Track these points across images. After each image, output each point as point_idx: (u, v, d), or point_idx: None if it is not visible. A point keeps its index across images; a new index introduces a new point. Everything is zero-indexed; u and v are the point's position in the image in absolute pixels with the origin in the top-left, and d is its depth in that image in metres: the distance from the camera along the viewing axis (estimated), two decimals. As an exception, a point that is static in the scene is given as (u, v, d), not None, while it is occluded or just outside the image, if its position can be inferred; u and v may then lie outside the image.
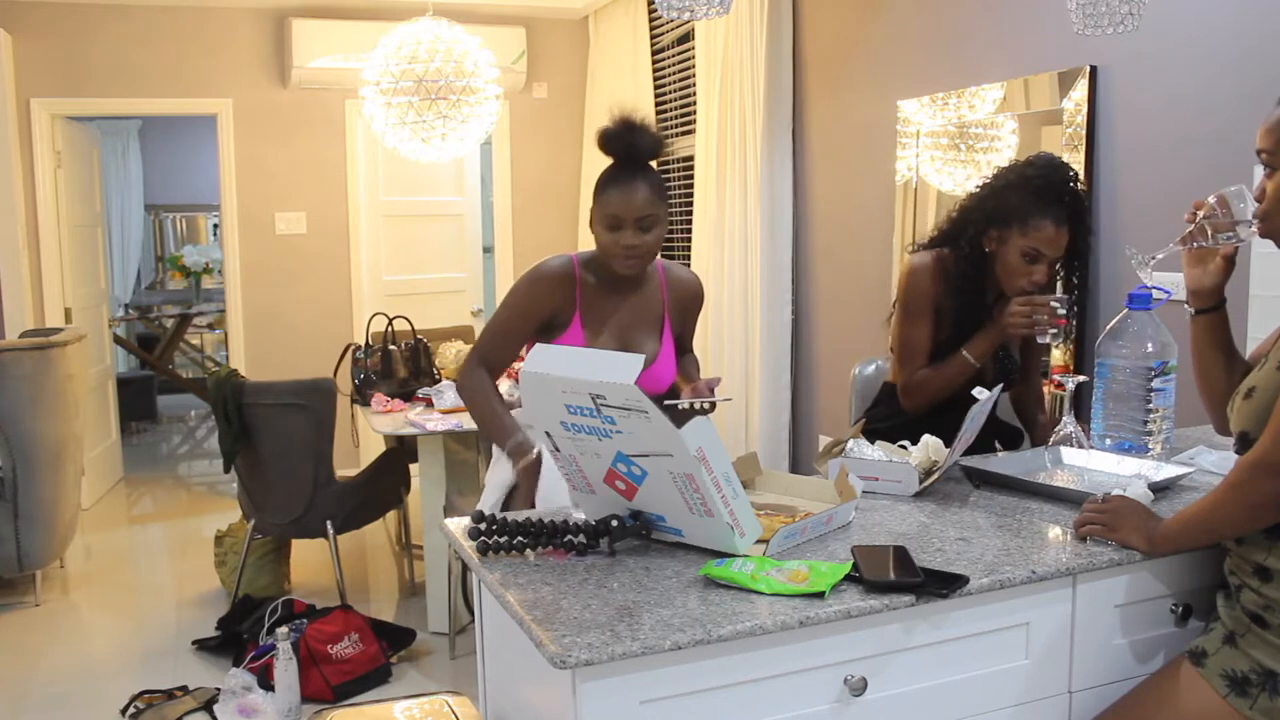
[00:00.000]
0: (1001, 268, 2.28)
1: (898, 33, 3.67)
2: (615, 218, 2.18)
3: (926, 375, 2.35)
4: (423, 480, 3.64)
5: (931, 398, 2.35)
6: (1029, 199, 2.22)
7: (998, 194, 2.28)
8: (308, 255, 5.80)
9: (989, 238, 2.28)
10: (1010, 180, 2.28)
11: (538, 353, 1.61)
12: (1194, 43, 2.57)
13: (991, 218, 2.27)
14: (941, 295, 2.34)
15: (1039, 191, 2.22)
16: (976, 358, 2.29)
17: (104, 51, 5.38)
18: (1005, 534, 1.67)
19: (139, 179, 9.45)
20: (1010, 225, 2.24)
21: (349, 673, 3.22)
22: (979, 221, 2.29)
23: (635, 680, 1.28)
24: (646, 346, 2.33)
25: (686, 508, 1.53)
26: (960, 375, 2.29)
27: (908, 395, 2.39)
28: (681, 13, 2.21)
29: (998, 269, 2.29)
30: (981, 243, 2.29)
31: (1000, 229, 2.26)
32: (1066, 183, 2.24)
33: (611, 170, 2.22)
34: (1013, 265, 2.25)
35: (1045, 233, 2.21)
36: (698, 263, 4.86)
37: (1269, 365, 1.53)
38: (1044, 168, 2.26)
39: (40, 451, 3.94)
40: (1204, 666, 1.50)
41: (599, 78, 5.94)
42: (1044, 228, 2.21)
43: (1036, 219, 2.21)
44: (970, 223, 2.31)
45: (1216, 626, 1.55)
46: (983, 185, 2.35)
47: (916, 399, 2.38)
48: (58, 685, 3.35)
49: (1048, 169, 2.26)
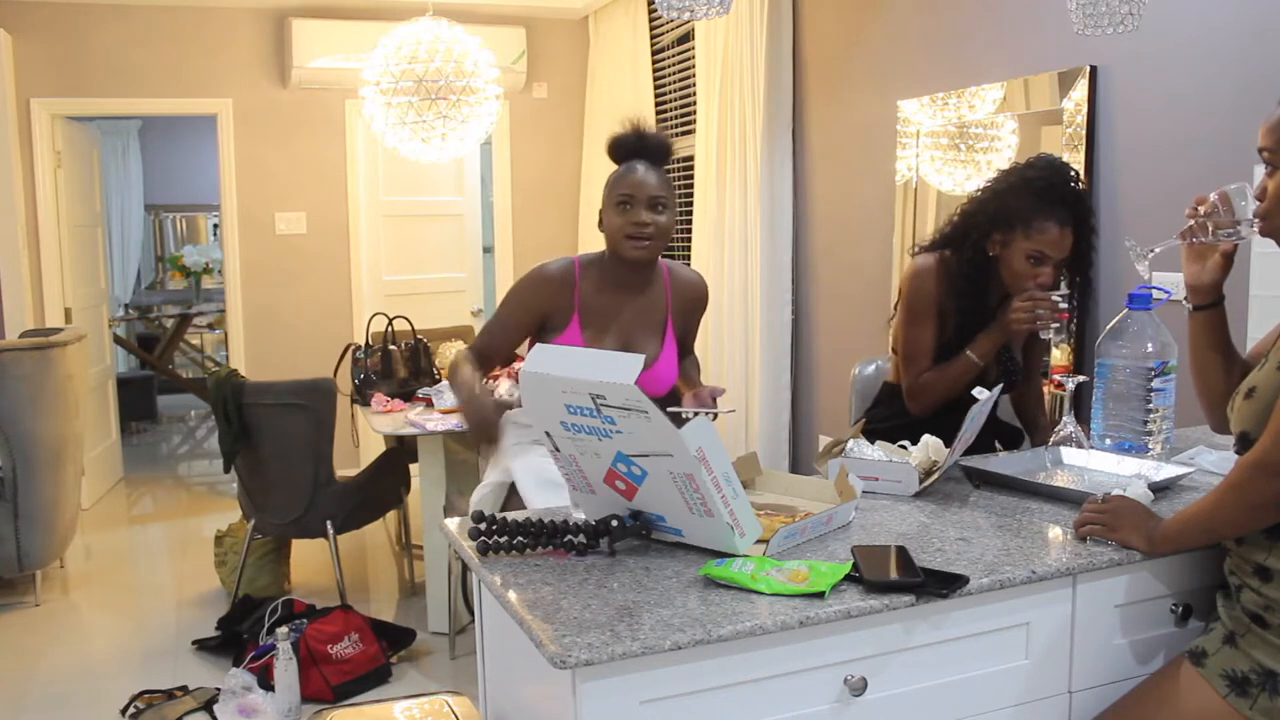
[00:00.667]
0: (1007, 271, 2.28)
1: (898, 33, 3.67)
2: (628, 196, 2.22)
3: (932, 377, 2.35)
4: (423, 480, 3.64)
5: (938, 399, 2.34)
6: (1031, 201, 2.22)
7: (1000, 197, 2.28)
8: (308, 255, 5.80)
9: (993, 241, 2.28)
10: (1012, 183, 2.27)
11: (538, 353, 1.61)
12: (1194, 43, 2.57)
13: (995, 221, 2.26)
14: (944, 297, 2.33)
15: (1041, 194, 2.22)
16: (980, 357, 2.28)
17: (104, 51, 5.38)
18: (1005, 534, 1.67)
19: (139, 179, 9.45)
20: (1014, 229, 2.23)
21: (349, 673, 3.22)
22: (982, 225, 2.29)
23: (635, 680, 1.28)
24: (648, 347, 2.34)
25: (686, 508, 1.53)
26: (965, 375, 2.28)
27: (914, 398, 2.39)
28: (681, 13, 2.21)
29: (1003, 272, 2.29)
30: (985, 246, 2.29)
31: (1004, 233, 2.26)
32: (1068, 183, 2.24)
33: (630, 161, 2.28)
34: (1018, 268, 2.25)
35: (1049, 235, 2.21)
36: (698, 263, 4.86)
37: (1269, 365, 1.53)
38: (1045, 169, 2.26)
39: (40, 451, 3.94)
40: (1204, 666, 1.50)
41: (599, 78, 5.94)
42: (1048, 230, 2.21)
43: (1040, 221, 2.21)
44: (973, 227, 2.31)
45: (1216, 626, 1.54)
46: (984, 189, 2.35)
47: (923, 400, 2.37)
48: (58, 685, 3.35)
49: (1049, 170, 2.25)
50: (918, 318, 2.36)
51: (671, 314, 2.41)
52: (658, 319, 2.39)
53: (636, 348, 2.31)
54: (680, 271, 2.44)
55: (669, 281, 2.40)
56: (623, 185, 2.23)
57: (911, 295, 2.36)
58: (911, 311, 2.36)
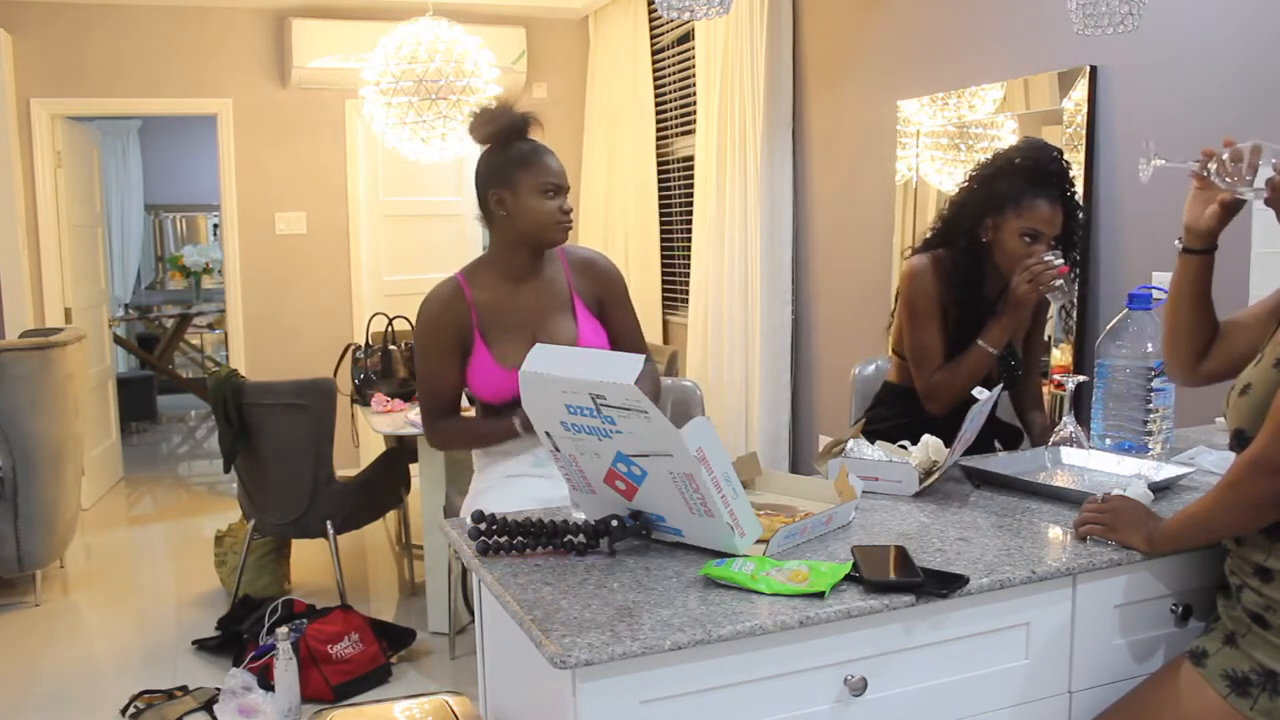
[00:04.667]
0: (1001, 254, 2.29)
1: (898, 33, 3.67)
2: (554, 185, 2.25)
3: (945, 375, 2.32)
4: (423, 480, 3.64)
5: (955, 395, 2.29)
6: (1019, 182, 2.26)
7: (988, 182, 2.31)
8: (308, 255, 5.80)
9: (985, 227, 2.30)
10: (999, 167, 2.31)
11: (537, 353, 1.61)
12: (1194, 43, 2.57)
13: (985, 207, 2.29)
14: (944, 294, 2.34)
15: (1028, 174, 2.26)
16: (994, 345, 2.28)
17: (104, 51, 5.38)
18: (1005, 534, 1.67)
19: (139, 179, 9.45)
20: (1005, 210, 2.26)
21: (349, 673, 3.22)
22: (974, 213, 2.31)
23: (635, 680, 1.28)
24: (559, 330, 2.30)
25: (686, 508, 1.53)
26: (980, 367, 2.28)
27: (931, 398, 2.36)
28: (681, 13, 2.21)
29: (997, 257, 2.31)
30: (978, 234, 2.31)
31: (995, 216, 2.28)
32: (1052, 161, 2.28)
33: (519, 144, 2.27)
34: (1012, 249, 2.26)
35: (1041, 212, 2.24)
36: (698, 262, 4.86)
37: (1265, 361, 1.52)
38: (1029, 150, 2.31)
39: (40, 451, 3.94)
40: (1204, 667, 1.50)
41: (599, 78, 5.94)
42: (1039, 207, 2.24)
43: (1030, 199, 2.24)
44: (965, 216, 2.33)
45: (1217, 627, 1.54)
46: (972, 177, 2.38)
47: (942, 399, 2.33)
48: (58, 685, 3.35)
49: (1033, 150, 2.30)
50: (922, 318, 2.35)
51: (575, 291, 2.36)
52: (562, 298, 2.34)
53: (548, 331, 2.28)
54: (575, 249, 2.42)
55: (564, 260, 2.38)
56: (544, 173, 2.24)
57: (912, 296, 2.36)
58: (915, 313, 2.36)
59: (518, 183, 2.23)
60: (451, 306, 2.29)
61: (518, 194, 2.24)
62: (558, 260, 2.38)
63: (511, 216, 2.25)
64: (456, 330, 2.28)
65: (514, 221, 2.25)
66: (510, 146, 2.26)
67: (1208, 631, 1.56)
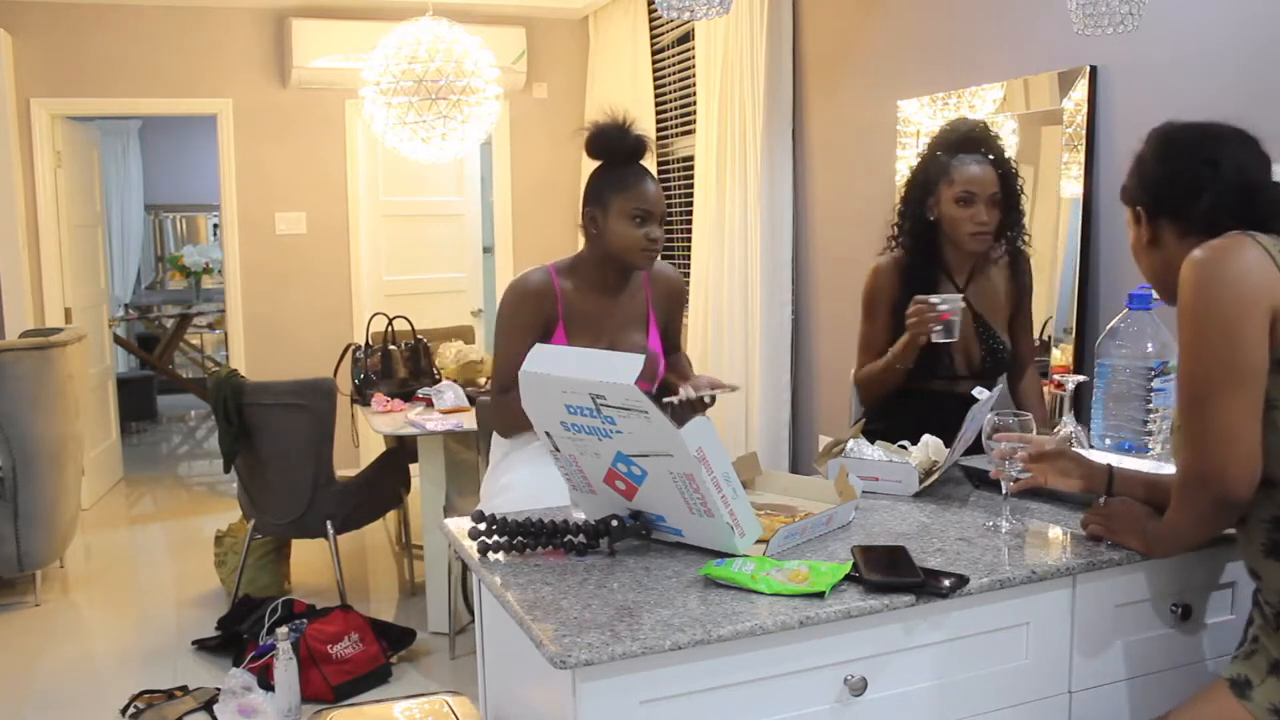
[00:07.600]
0: (947, 224, 2.39)
1: (898, 33, 3.67)
2: (645, 212, 2.27)
3: (867, 371, 2.48)
4: (423, 480, 3.64)
5: (873, 394, 2.49)
6: (946, 155, 2.38)
7: (923, 163, 2.45)
8: (308, 255, 5.80)
9: (929, 206, 2.41)
10: (929, 148, 2.45)
11: (537, 353, 1.61)
12: (1194, 43, 2.57)
13: (925, 187, 2.41)
14: (900, 295, 2.39)
15: (955, 144, 2.40)
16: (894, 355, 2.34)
17: (104, 51, 5.38)
18: (1005, 534, 1.67)
19: (139, 179, 9.45)
20: (939, 184, 2.38)
21: (349, 673, 3.22)
22: (918, 196, 2.43)
23: (635, 680, 1.28)
24: (635, 343, 2.36)
25: (686, 508, 1.53)
26: (887, 372, 2.38)
27: (859, 389, 2.56)
28: (681, 13, 2.22)
29: (947, 230, 2.39)
30: (925, 216, 2.41)
31: (933, 194, 2.39)
32: (972, 129, 2.41)
33: (624, 167, 2.31)
34: (951, 215, 2.36)
35: (969, 171, 2.34)
36: (698, 262, 4.86)
37: None
38: (952, 128, 2.45)
39: (40, 451, 3.94)
40: (1250, 699, 1.44)
41: (599, 78, 5.94)
42: (966, 168, 2.35)
43: (958, 166, 2.36)
44: (910, 202, 2.45)
45: (1258, 651, 1.48)
46: (910, 169, 2.52)
47: (863, 394, 2.54)
48: (58, 685, 3.35)
49: (957, 124, 2.47)
50: (867, 313, 2.49)
51: (653, 307, 2.45)
52: (640, 314, 2.42)
53: (624, 346, 2.33)
54: (658, 266, 2.47)
55: (646, 276, 2.43)
56: (638, 199, 2.26)
57: (867, 291, 2.51)
58: (865, 307, 2.51)
59: (610, 204, 2.29)
60: (542, 290, 2.33)
61: (608, 215, 2.29)
62: (641, 274, 2.43)
63: (601, 235, 2.31)
64: (541, 313, 2.32)
65: (603, 240, 2.31)
66: (615, 168, 2.32)
67: (1248, 657, 1.49)
